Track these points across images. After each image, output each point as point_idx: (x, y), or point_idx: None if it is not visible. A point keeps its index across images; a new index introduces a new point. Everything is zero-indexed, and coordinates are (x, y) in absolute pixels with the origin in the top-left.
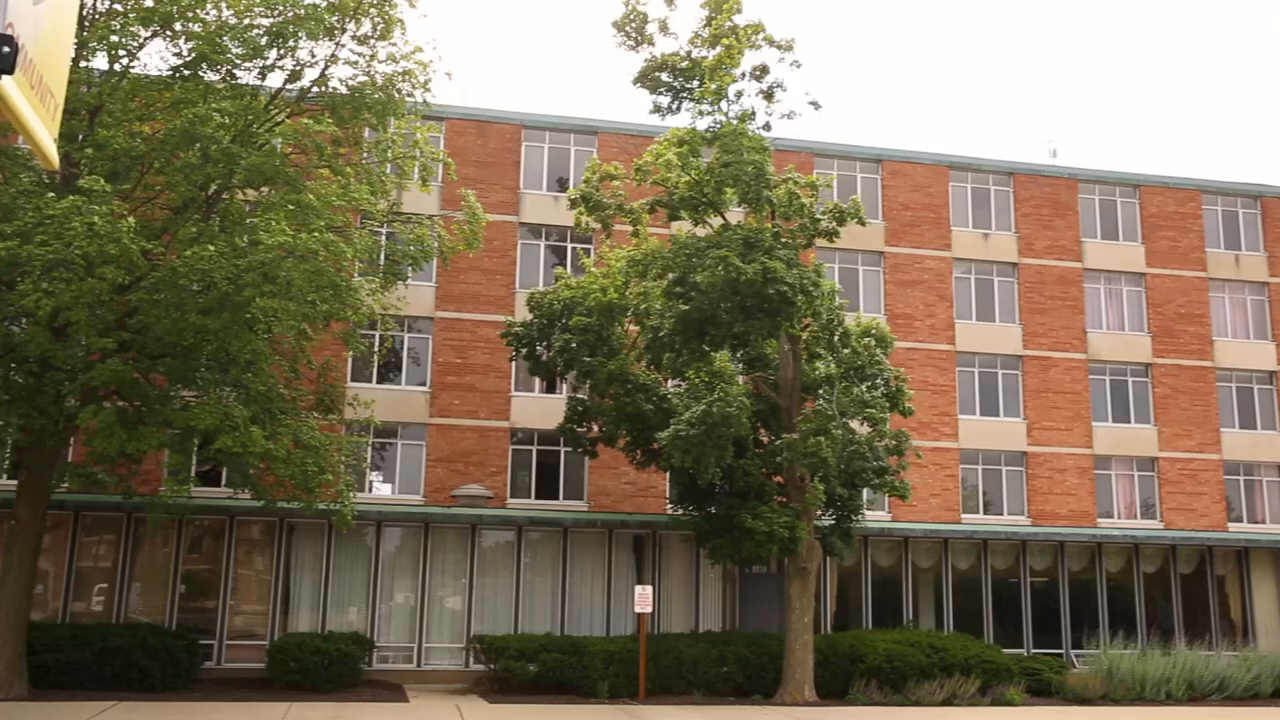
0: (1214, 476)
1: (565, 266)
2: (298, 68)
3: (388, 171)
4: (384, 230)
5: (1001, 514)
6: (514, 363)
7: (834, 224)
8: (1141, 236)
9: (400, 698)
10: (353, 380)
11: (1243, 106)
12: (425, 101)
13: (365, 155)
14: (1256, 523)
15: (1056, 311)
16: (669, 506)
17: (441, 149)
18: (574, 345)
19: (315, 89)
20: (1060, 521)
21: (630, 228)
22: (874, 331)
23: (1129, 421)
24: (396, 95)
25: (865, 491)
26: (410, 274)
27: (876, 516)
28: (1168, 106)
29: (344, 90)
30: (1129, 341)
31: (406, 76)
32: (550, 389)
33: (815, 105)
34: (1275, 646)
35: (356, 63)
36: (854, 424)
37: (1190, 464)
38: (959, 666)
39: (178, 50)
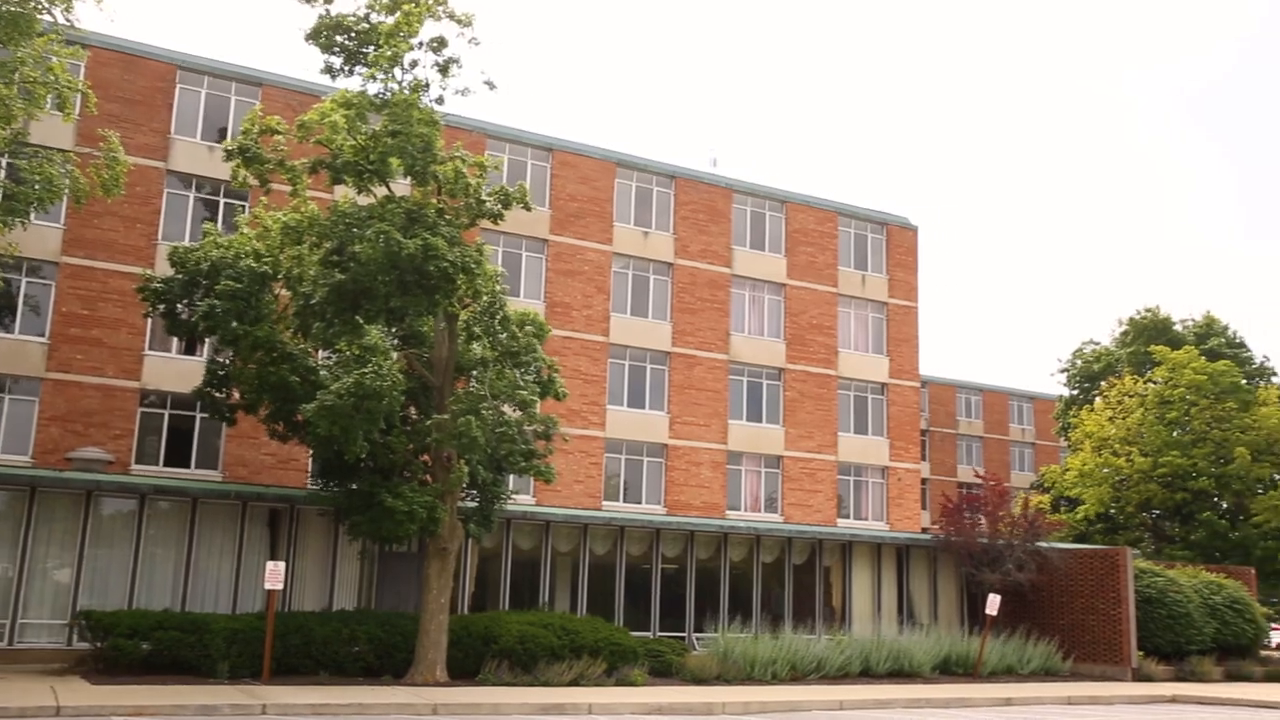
0: (829, 476)
1: (217, 222)
2: None
3: (15, 95)
4: (4, 161)
5: (640, 502)
6: (150, 319)
7: (499, 206)
8: (785, 249)
9: None
10: None
11: (883, 136)
12: (70, 23)
13: None
14: (861, 519)
15: (705, 313)
16: (310, 481)
17: (82, 79)
18: (220, 310)
19: None
20: (693, 512)
21: (289, 187)
22: (531, 320)
23: (761, 421)
24: (32, 10)
25: (511, 476)
26: (34, 215)
27: (521, 500)
28: (821, 129)
29: None
30: (766, 346)
31: None
32: (190, 350)
33: (490, 85)
34: (867, 631)
35: None
36: (505, 408)
37: (810, 463)
38: (589, 648)
39: None
